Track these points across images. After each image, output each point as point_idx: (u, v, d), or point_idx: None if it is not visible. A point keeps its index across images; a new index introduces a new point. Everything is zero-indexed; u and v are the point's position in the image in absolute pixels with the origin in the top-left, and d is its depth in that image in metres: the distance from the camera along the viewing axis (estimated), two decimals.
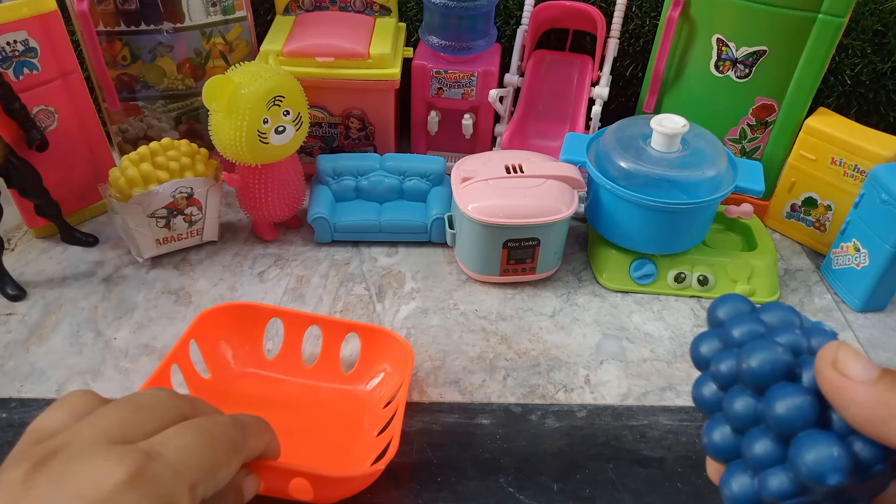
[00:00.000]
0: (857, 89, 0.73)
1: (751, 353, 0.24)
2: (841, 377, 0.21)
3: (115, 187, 0.58)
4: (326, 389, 0.52)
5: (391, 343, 0.51)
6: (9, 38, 0.57)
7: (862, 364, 0.21)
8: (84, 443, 0.28)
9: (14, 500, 0.25)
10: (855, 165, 0.62)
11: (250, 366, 0.53)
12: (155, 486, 0.27)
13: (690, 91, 0.68)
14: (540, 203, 0.58)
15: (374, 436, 0.48)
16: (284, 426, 0.40)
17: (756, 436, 0.24)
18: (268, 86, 0.56)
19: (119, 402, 0.31)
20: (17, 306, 0.59)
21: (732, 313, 0.27)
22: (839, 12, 0.58)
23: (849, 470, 0.21)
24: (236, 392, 0.51)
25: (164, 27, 0.66)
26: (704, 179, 0.57)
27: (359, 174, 0.67)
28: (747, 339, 0.25)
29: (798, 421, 0.22)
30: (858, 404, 0.21)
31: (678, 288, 0.62)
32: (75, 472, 0.26)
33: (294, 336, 0.53)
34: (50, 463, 0.27)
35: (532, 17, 0.72)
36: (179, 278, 0.62)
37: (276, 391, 0.52)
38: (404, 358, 0.50)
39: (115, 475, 0.26)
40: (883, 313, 0.62)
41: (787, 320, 0.25)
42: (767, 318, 0.26)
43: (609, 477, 0.47)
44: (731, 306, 0.27)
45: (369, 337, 0.52)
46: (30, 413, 0.50)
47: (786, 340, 0.24)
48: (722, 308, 0.27)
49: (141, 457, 0.27)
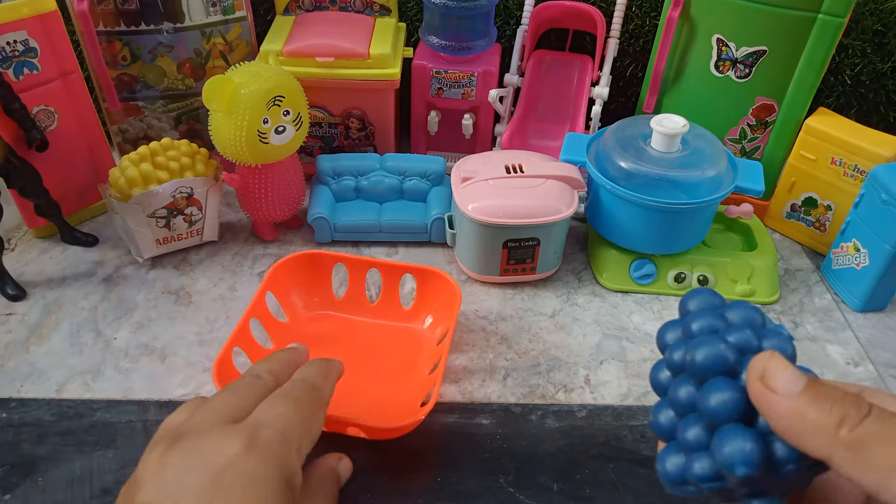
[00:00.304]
0: (857, 89, 0.73)
1: (696, 347, 0.26)
2: (765, 390, 0.23)
3: (115, 187, 0.58)
4: (388, 327, 0.58)
5: (441, 283, 0.56)
6: (9, 38, 0.57)
7: (786, 378, 0.23)
8: (203, 426, 0.33)
9: (156, 471, 0.31)
10: (855, 165, 0.62)
11: (321, 308, 0.58)
12: (267, 449, 0.32)
13: (690, 91, 0.68)
14: (540, 203, 0.58)
15: (427, 373, 0.52)
16: (352, 360, 0.48)
17: (690, 422, 0.26)
18: (268, 86, 0.56)
19: (220, 392, 0.37)
20: (17, 306, 0.59)
21: (701, 307, 0.28)
22: (839, 12, 0.58)
23: (759, 465, 0.23)
24: (310, 332, 0.57)
25: (164, 27, 0.66)
26: (704, 179, 0.57)
27: (359, 174, 0.67)
28: (704, 333, 0.27)
29: (724, 414, 0.24)
30: (779, 416, 0.22)
31: (678, 288, 0.62)
32: (201, 447, 0.32)
33: (357, 279, 0.58)
34: (180, 442, 0.32)
35: (532, 17, 0.72)
36: (179, 278, 0.62)
37: (343, 329, 0.57)
38: (452, 298, 0.54)
39: (234, 446, 0.31)
40: (883, 313, 0.62)
41: (749, 319, 0.27)
42: (731, 315, 0.27)
43: (609, 477, 0.47)
44: (702, 300, 0.28)
45: (423, 277, 0.57)
46: (29, 413, 0.50)
47: (736, 339, 0.26)
48: (693, 301, 0.28)
49: (250, 430, 0.33)
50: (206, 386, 0.52)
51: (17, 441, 0.48)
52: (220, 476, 0.30)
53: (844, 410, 0.21)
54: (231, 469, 0.31)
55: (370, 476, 0.46)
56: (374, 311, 0.58)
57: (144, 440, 0.48)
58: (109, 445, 0.48)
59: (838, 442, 0.21)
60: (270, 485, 0.31)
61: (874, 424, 0.21)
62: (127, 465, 0.47)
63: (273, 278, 0.55)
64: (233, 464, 0.31)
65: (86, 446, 0.48)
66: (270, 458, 0.32)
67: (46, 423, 0.49)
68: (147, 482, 0.31)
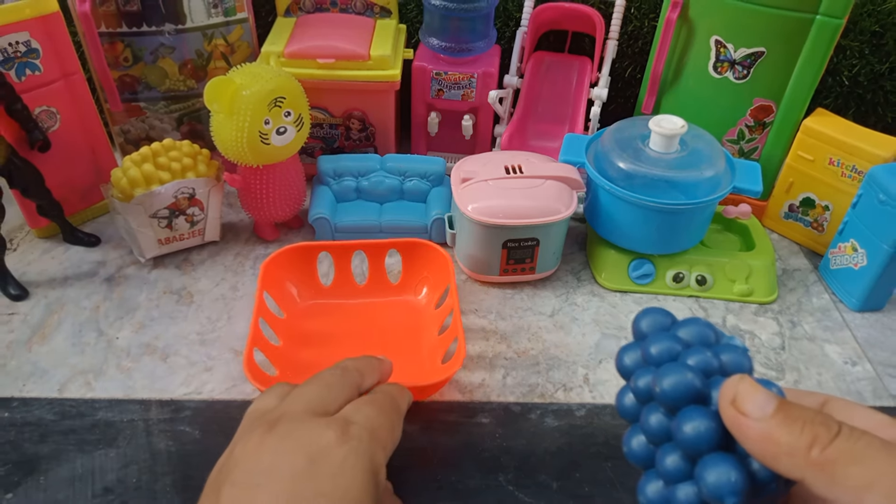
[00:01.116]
0: (854, 90, 0.73)
1: (663, 377, 0.25)
2: (738, 415, 0.23)
3: (117, 188, 0.58)
4: (383, 303, 0.60)
5: (428, 252, 0.58)
6: (11, 39, 0.57)
7: (758, 401, 0.23)
8: (296, 414, 0.35)
9: (253, 454, 0.33)
10: (853, 166, 0.62)
11: (312, 298, 0.60)
12: (358, 442, 0.33)
13: (689, 92, 0.69)
14: (539, 203, 0.59)
15: (437, 335, 0.55)
16: (358, 343, 0.53)
17: (668, 451, 0.26)
18: (269, 87, 0.56)
19: (310, 382, 0.38)
20: (20, 306, 0.59)
21: (654, 327, 0.28)
22: (837, 14, 0.59)
23: (745, 492, 0.23)
24: (307, 324, 0.58)
25: (165, 28, 0.66)
26: (703, 180, 0.58)
27: (359, 175, 0.67)
28: (664, 357, 0.26)
29: (703, 444, 0.24)
30: (753, 440, 0.23)
31: (676, 288, 0.63)
32: (296, 434, 0.33)
33: (343, 264, 0.60)
34: (276, 427, 0.34)
35: (531, 18, 0.72)
36: (181, 278, 0.63)
37: (339, 314, 0.59)
38: (443, 263, 0.57)
39: (326, 436, 0.33)
40: (880, 313, 0.62)
41: (703, 336, 0.27)
42: (684, 333, 0.27)
43: (608, 476, 0.47)
44: (653, 320, 0.28)
45: (408, 250, 0.59)
46: (31, 412, 0.50)
47: (697, 361, 0.26)
48: (644, 320, 0.28)
49: (341, 423, 0.34)
50: (207, 385, 0.53)
51: (20, 440, 0.48)
52: (313, 462, 0.32)
53: (815, 431, 0.22)
54: (324, 457, 0.32)
55: None
56: (366, 292, 0.60)
57: (146, 439, 0.48)
58: (111, 444, 0.48)
59: (810, 463, 0.21)
60: (358, 476, 0.32)
61: (844, 443, 0.21)
62: (129, 463, 0.47)
63: (266, 276, 0.56)
64: (326, 452, 0.32)
65: (88, 445, 0.48)
66: (361, 451, 0.33)
67: (48, 422, 0.50)
68: (242, 464, 0.33)
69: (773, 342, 0.59)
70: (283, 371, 0.52)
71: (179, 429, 0.49)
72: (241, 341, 0.56)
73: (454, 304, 0.54)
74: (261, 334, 0.52)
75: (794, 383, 0.55)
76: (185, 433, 0.49)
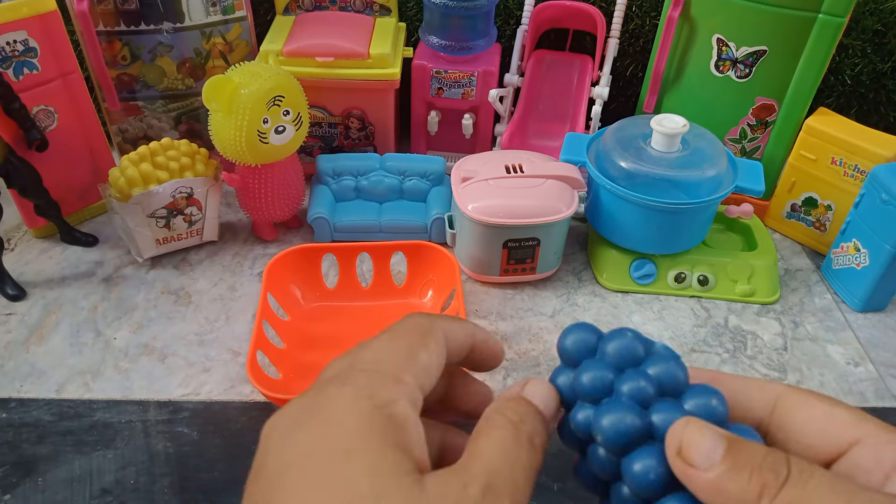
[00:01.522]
0: (857, 89, 0.73)
1: (601, 418, 0.24)
2: (685, 465, 0.22)
3: (115, 187, 0.58)
4: (387, 306, 0.59)
5: (433, 254, 0.58)
6: (9, 38, 0.57)
7: (704, 450, 0.22)
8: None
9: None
10: (855, 165, 0.62)
11: (317, 300, 0.59)
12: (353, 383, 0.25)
13: (690, 91, 0.68)
14: (540, 203, 0.58)
15: None
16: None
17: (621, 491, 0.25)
18: (268, 86, 0.56)
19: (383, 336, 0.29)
20: (17, 306, 0.59)
21: (580, 348, 0.26)
22: (839, 12, 0.58)
23: None
24: (311, 326, 0.57)
25: (163, 27, 0.66)
26: (704, 179, 0.57)
27: (359, 174, 0.67)
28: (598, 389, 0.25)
29: (657, 490, 0.23)
30: (702, 490, 0.22)
31: (678, 288, 0.62)
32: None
33: (347, 266, 0.59)
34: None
35: (532, 16, 0.72)
36: (179, 278, 0.62)
37: (344, 317, 0.59)
38: (449, 266, 0.57)
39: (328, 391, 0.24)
40: (883, 313, 0.62)
41: (632, 353, 0.25)
42: (611, 349, 0.25)
43: None
44: (578, 340, 0.26)
45: (413, 252, 0.59)
46: (29, 413, 0.50)
47: (630, 389, 0.24)
48: (569, 339, 0.26)
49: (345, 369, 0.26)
50: (206, 386, 0.52)
51: (17, 441, 0.48)
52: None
53: (763, 479, 0.21)
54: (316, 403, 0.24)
55: None
56: (371, 294, 0.60)
57: (144, 440, 0.48)
58: (109, 445, 0.48)
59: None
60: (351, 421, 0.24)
61: (793, 490, 0.21)
62: (127, 465, 0.47)
63: (270, 278, 0.56)
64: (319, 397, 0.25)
65: (85, 446, 0.48)
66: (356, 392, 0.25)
67: (46, 423, 0.49)
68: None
69: (776, 343, 0.59)
70: (286, 374, 0.52)
71: (177, 430, 0.49)
72: (240, 342, 0.56)
73: (460, 307, 0.54)
74: (264, 337, 0.52)
75: (796, 384, 0.55)
76: (184, 434, 0.49)
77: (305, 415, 0.23)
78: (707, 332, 0.59)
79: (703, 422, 0.23)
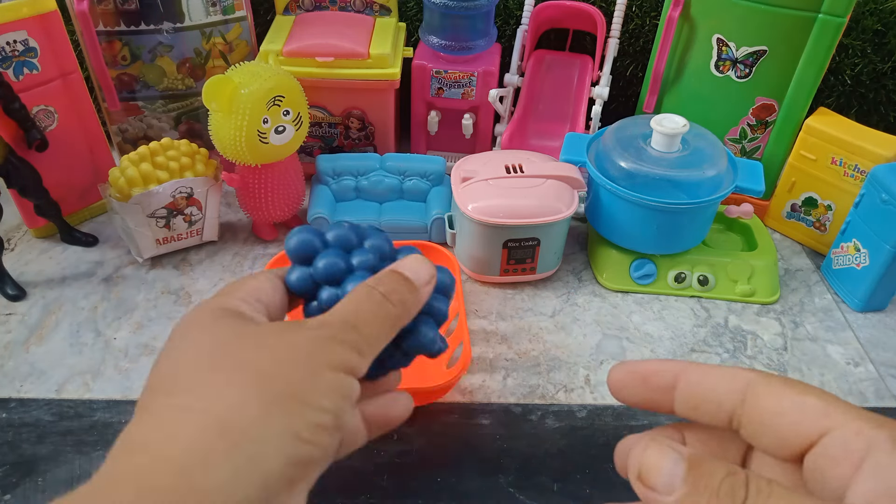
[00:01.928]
0: (857, 89, 0.73)
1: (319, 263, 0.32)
2: (647, 490, 0.22)
3: (115, 187, 0.58)
4: None
5: (434, 254, 0.58)
6: (9, 38, 0.57)
7: (663, 476, 0.22)
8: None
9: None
10: (855, 165, 0.62)
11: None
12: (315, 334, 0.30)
13: (690, 91, 0.68)
14: (540, 203, 0.58)
15: None
16: None
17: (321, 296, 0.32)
18: (268, 86, 0.56)
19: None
20: (17, 306, 0.59)
21: (305, 247, 0.32)
22: (839, 12, 0.58)
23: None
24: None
25: (163, 27, 0.66)
26: (704, 179, 0.57)
27: (359, 174, 0.67)
28: (334, 268, 0.31)
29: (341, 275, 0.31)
30: None
31: (678, 288, 0.62)
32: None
33: None
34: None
35: (532, 16, 0.72)
36: (179, 278, 0.62)
37: None
38: (448, 266, 0.55)
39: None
40: (883, 313, 0.62)
41: (347, 240, 0.32)
42: (332, 238, 0.32)
43: (609, 477, 0.47)
44: (302, 240, 0.32)
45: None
46: (29, 413, 0.50)
47: (360, 263, 0.32)
48: (294, 240, 0.32)
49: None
50: None
51: (17, 441, 0.48)
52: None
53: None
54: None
55: (370, 476, 0.46)
56: None
57: None
58: (109, 445, 0.48)
59: None
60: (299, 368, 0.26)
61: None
62: None
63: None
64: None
65: (85, 446, 0.48)
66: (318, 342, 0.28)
67: (46, 423, 0.49)
68: None
69: (776, 343, 0.59)
70: None
71: None
72: None
73: (460, 308, 0.54)
74: None
75: None
76: None
77: (183, 321, 0.32)
78: (707, 332, 0.59)
79: (663, 444, 0.23)
